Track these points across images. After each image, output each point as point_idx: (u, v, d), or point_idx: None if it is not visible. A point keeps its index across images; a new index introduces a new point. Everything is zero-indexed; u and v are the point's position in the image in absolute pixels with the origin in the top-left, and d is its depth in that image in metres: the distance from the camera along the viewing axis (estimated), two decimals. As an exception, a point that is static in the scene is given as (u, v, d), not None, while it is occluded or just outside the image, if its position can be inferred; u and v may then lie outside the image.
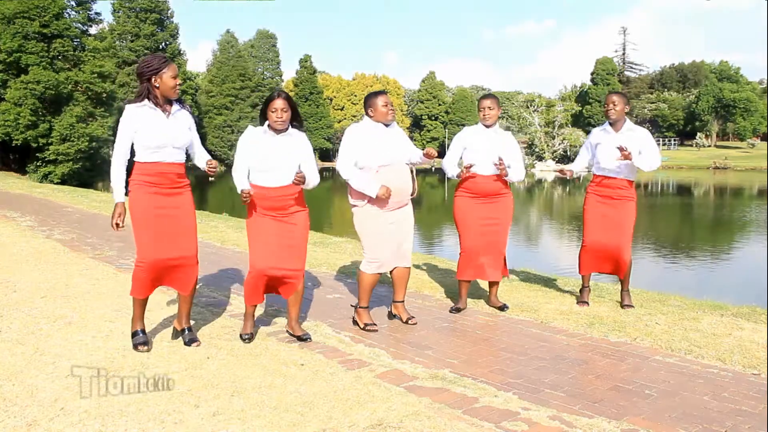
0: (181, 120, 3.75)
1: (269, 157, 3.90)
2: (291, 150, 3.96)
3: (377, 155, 4.25)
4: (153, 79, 3.63)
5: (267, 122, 3.93)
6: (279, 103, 3.87)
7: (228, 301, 5.02)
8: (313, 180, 4.01)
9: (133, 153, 3.71)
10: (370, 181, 4.22)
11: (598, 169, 5.01)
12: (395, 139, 4.37)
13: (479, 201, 4.79)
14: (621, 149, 4.65)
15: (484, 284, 5.46)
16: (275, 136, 3.94)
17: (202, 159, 3.88)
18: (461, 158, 4.87)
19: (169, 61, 3.70)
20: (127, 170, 3.71)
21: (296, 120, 4.01)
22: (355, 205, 4.35)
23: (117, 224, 3.64)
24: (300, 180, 3.82)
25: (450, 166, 4.87)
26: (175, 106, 3.74)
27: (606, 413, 3.00)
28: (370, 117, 4.34)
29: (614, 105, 4.87)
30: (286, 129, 3.96)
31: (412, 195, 4.46)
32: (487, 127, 4.81)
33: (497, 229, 4.82)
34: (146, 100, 3.66)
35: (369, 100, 4.37)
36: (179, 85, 3.66)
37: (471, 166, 4.69)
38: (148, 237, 3.67)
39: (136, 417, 2.85)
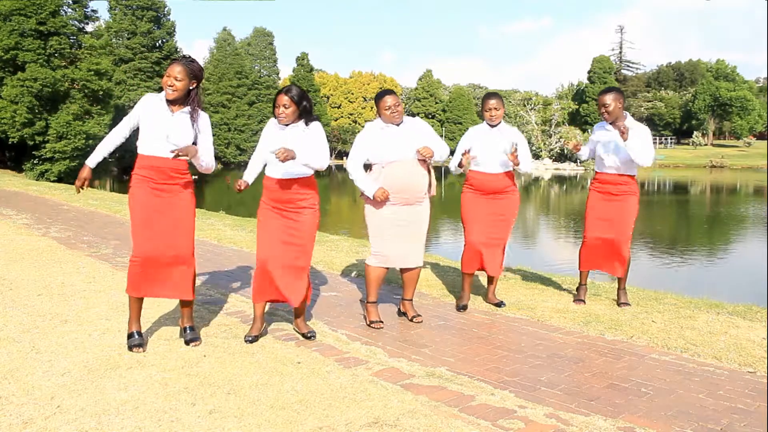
0: (186, 121, 3.72)
1: (271, 149, 3.89)
2: (294, 143, 3.88)
3: (384, 153, 4.31)
4: None
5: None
6: (280, 99, 3.91)
7: (225, 300, 5.01)
8: (314, 161, 3.90)
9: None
10: (370, 182, 4.31)
11: (600, 166, 5.05)
12: (406, 136, 4.36)
13: (486, 197, 4.87)
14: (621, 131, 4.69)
15: (481, 281, 5.46)
16: (283, 129, 3.96)
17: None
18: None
19: (171, 64, 3.72)
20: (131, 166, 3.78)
21: (306, 114, 3.97)
22: (365, 197, 4.40)
23: (78, 187, 3.75)
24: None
25: (453, 165, 4.94)
26: (186, 108, 3.73)
27: (602, 411, 3.01)
28: (380, 117, 4.39)
29: (606, 108, 4.86)
30: (294, 122, 3.95)
31: (429, 193, 4.47)
32: (492, 126, 4.87)
33: (502, 225, 4.90)
34: (163, 92, 3.72)
35: (376, 101, 4.43)
36: (172, 86, 3.64)
37: (468, 151, 4.75)
38: (142, 232, 3.69)
39: (132, 415, 2.84)
